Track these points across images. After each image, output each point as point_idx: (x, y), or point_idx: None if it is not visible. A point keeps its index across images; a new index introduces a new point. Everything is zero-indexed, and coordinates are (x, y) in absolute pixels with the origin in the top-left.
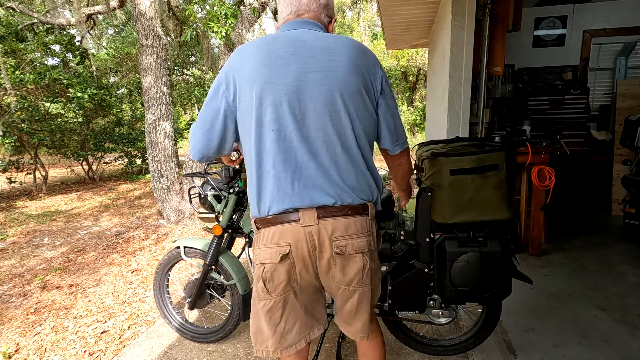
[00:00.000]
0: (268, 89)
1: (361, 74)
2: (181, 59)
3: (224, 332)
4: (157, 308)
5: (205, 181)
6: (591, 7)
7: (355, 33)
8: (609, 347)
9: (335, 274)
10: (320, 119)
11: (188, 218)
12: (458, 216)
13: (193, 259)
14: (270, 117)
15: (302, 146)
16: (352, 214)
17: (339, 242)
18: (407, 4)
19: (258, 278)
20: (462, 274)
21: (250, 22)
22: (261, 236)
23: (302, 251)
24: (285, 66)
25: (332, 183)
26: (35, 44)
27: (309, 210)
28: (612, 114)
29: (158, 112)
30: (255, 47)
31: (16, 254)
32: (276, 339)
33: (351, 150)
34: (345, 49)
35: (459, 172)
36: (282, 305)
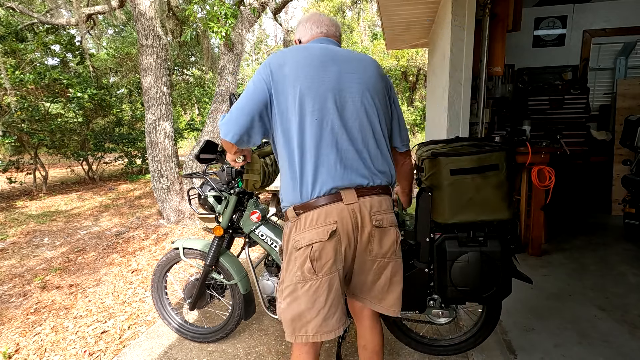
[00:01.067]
0: (311, 85)
1: (384, 81)
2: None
3: (225, 331)
4: (155, 309)
5: (204, 182)
6: (591, 7)
7: (355, 33)
8: (609, 347)
9: (373, 247)
10: (357, 110)
11: (188, 218)
12: (458, 216)
13: (192, 260)
14: (313, 108)
15: (342, 133)
16: (382, 193)
17: (377, 216)
18: (407, 4)
19: (304, 261)
20: (462, 274)
21: (250, 22)
22: (303, 221)
23: (348, 227)
24: (326, 67)
25: (366, 166)
26: (35, 44)
27: (349, 190)
28: (612, 114)
29: (158, 112)
30: (295, 50)
31: (16, 254)
32: (318, 321)
33: (380, 139)
34: (372, 61)
35: (459, 172)
36: (327, 288)
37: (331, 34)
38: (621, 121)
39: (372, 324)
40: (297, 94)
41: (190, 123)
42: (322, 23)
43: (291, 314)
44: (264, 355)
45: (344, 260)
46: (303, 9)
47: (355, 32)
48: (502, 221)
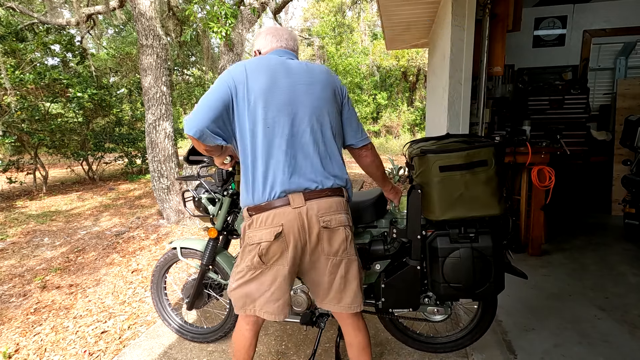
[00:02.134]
0: (266, 93)
1: (332, 87)
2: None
3: (224, 330)
4: (155, 310)
5: (199, 184)
6: (591, 7)
7: (355, 33)
8: (609, 347)
9: (324, 247)
10: (307, 118)
11: (188, 218)
12: (449, 212)
13: (190, 260)
14: (266, 116)
15: (292, 140)
16: (332, 195)
17: (324, 217)
18: (407, 4)
19: (254, 255)
20: (455, 270)
21: (250, 22)
22: (255, 221)
23: (294, 229)
24: (280, 77)
25: (315, 170)
26: (35, 44)
27: (297, 194)
28: (612, 114)
29: (158, 112)
30: (254, 61)
31: (16, 254)
32: (263, 301)
33: (329, 144)
34: (321, 70)
35: (448, 168)
36: (272, 276)
37: (290, 47)
38: (621, 121)
39: (353, 321)
40: (252, 102)
41: None
42: (282, 37)
43: (241, 292)
44: (264, 355)
45: (292, 258)
46: (303, 9)
47: (355, 32)
48: (494, 217)
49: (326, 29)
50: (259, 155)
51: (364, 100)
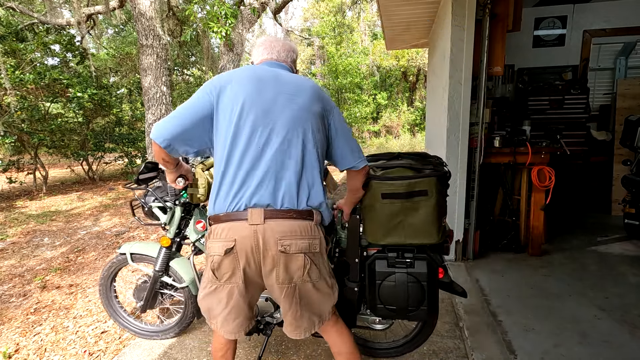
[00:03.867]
0: (246, 102)
1: (320, 104)
2: (181, 59)
3: (180, 327)
4: (108, 315)
5: (147, 193)
6: (591, 7)
7: (355, 33)
8: (609, 347)
9: (279, 273)
10: (287, 131)
11: None
12: (388, 238)
13: (140, 264)
14: (244, 125)
15: (265, 153)
16: (297, 218)
17: (284, 241)
18: (407, 4)
19: (209, 267)
20: (390, 294)
21: (250, 22)
22: (212, 231)
23: (246, 247)
24: (264, 88)
25: (286, 187)
26: (35, 44)
27: (257, 210)
28: (612, 114)
29: (158, 112)
30: (241, 70)
31: (16, 254)
32: (221, 319)
33: (309, 161)
34: (310, 84)
35: (389, 196)
36: (227, 295)
37: (281, 59)
38: (621, 121)
39: (337, 329)
40: (231, 110)
41: None
42: (273, 49)
43: (204, 305)
44: (264, 355)
45: (245, 277)
46: (303, 9)
47: (355, 32)
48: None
49: (326, 29)
50: (230, 164)
51: (364, 100)
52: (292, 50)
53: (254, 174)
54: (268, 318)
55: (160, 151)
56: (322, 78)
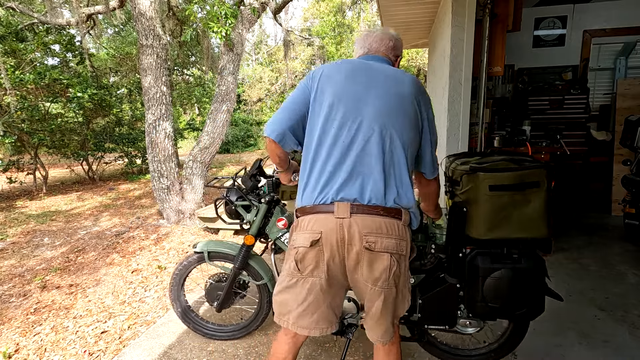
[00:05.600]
0: (338, 93)
1: (416, 101)
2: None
3: (255, 325)
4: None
5: (230, 190)
6: (591, 7)
7: (355, 33)
8: (609, 347)
9: (363, 270)
10: (378, 125)
11: (188, 218)
12: (494, 232)
13: (218, 263)
14: (334, 117)
15: (353, 146)
16: (384, 215)
17: (369, 237)
18: (407, 4)
19: (292, 259)
20: (495, 291)
21: (250, 22)
22: (299, 223)
23: (331, 240)
24: (357, 80)
25: (373, 182)
26: (35, 44)
27: (344, 204)
28: (612, 114)
29: (158, 112)
30: (335, 62)
31: (16, 254)
32: (296, 314)
33: (398, 158)
34: (408, 79)
35: (498, 188)
36: (307, 288)
37: (373, 50)
38: (621, 121)
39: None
40: (324, 101)
41: (190, 123)
42: (365, 42)
43: (280, 299)
44: (264, 355)
45: (329, 271)
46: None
47: (355, 32)
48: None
49: (326, 29)
50: (319, 157)
51: None
52: (388, 38)
53: (342, 167)
54: (350, 319)
55: (276, 148)
56: None
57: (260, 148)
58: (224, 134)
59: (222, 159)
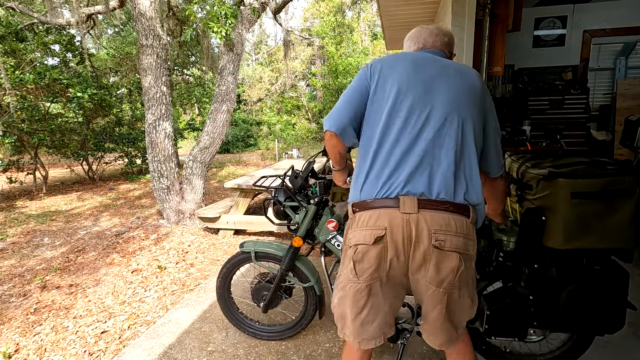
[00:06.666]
0: (402, 83)
1: (482, 95)
2: (181, 59)
3: (301, 327)
4: (225, 317)
5: (278, 190)
6: (591, 7)
7: (355, 33)
8: (609, 347)
9: (429, 270)
10: (447, 117)
11: (188, 218)
12: (573, 242)
13: (264, 263)
14: (400, 107)
15: (421, 138)
16: (454, 211)
17: (438, 235)
18: (407, 4)
19: (349, 260)
20: (573, 304)
21: (250, 22)
22: (357, 219)
23: (397, 237)
24: (423, 69)
25: (443, 176)
26: (35, 44)
27: (410, 198)
28: (612, 114)
29: (158, 112)
30: (395, 55)
31: (16, 254)
32: (356, 325)
33: (468, 151)
34: (474, 72)
35: (581, 195)
36: (367, 293)
37: (429, 45)
38: (621, 121)
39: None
40: (390, 93)
41: (190, 123)
42: (420, 37)
43: (338, 312)
44: (264, 355)
45: (390, 271)
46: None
47: (355, 32)
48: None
49: (326, 29)
50: (382, 148)
51: None
52: (442, 33)
53: (408, 160)
54: (405, 325)
55: (337, 143)
56: (322, 78)
57: (260, 148)
58: (224, 134)
59: (222, 159)
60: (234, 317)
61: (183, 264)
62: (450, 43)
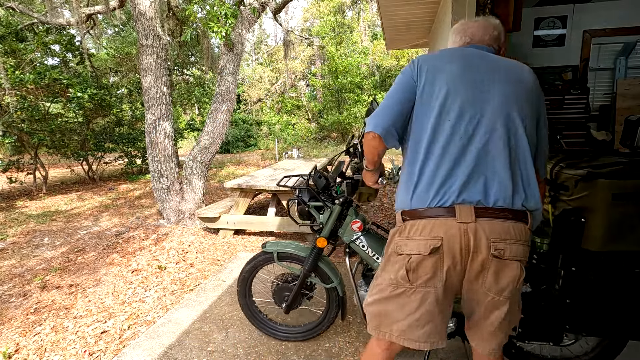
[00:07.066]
0: (452, 83)
1: (536, 93)
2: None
3: (321, 329)
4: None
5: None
6: (591, 7)
7: (355, 33)
8: None
9: (486, 279)
10: (502, 119)
11: (188, 218)
12: (613, 245)
13: (286, 264)
14: (450, 109)
15: (474, 141)
16: (512, 219)
17: (497, 244)
18: (407, 4)
19: (399, 268)
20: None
21: (250, 22)
22: (408, 228)
23: (454, 248)
24: (473, 68)
25: (500, 183)
26: (35, 44)
27: (466, 207)
28: (612, 114)
29: (158, 112)
30: (441, 52)
31: (16, 254)
32: (404, 325)
33: (524, 155)
34: (527, 69)
35: (623, 197)
36: (420, 299)
37: (477, 40)
38: (621, 121)
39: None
40: (438, 93)
41: (190, 123)
42: (467, 31)
43: (378, 310)
44: (264, 355)
45: (446, 281)
46: (303, 9)
47: (355, 32)
48: None
49: (326, 29)
50: (432, 153)
51: (364, 100)
52: (492, 27)
53: (461, 166)
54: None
55: (379, 145)
56: (322, 78)
57: (260, 148)
58: (224, 134)
59: (222, 159)
60: (257, 319)
61: (183, 264)
62: (499, 37)
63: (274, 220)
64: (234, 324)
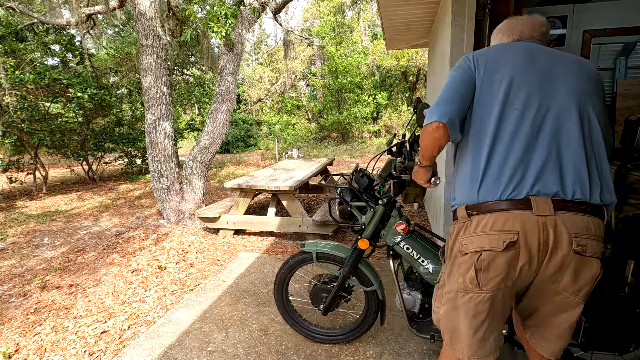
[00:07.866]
0: (518, 73)
1: (602, 90)
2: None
3: (360, 331)
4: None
5: (344, 190)
6: (591, 7)
7: (355, 33)
8: None
9: (564, 278)
10: (573, 106)
11: (188, 218)
12: None
13: (325, 264)
14: (515, 98)
15: (544, 130)
16: (591, 213)
17: (580, 239)
18: (407, 4)
19: (468, 268)
20: None
21: (250, 22)
22: (474, 223)
23: (532, 243)
24: (536, 58)
25: (577, 174)
26: (35, 44)
27: (544, 199)
28: (612, 114)
29: (158, 112)
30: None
31: (16, 254)
32: (474, 342)
33: (598, 145)
34: (588, 61)
35: None
36: (489, 305)
37: (526, 36)
38: (621, 121)
39: None
40: (501, 84)
41: (190, 123)
42: (515, 28)
43: (448, 326)
44: (264, 355)
45: (518, 280)
46: (303, 9)
47: (355, 32)
48: None
49: (326, 29)
50: (499, 144)
51: (364, 100)
52: (539, 23)
53: (533, 156)
54: None
55: (442, 137)
56: (322, 78)
57: (260, 148)
58: (224, 134)
59: (222, 159)
60: (293, 320)
61: (183, 264)
62: (547, 33)
63: (274, 220)
64: (234, 324)
